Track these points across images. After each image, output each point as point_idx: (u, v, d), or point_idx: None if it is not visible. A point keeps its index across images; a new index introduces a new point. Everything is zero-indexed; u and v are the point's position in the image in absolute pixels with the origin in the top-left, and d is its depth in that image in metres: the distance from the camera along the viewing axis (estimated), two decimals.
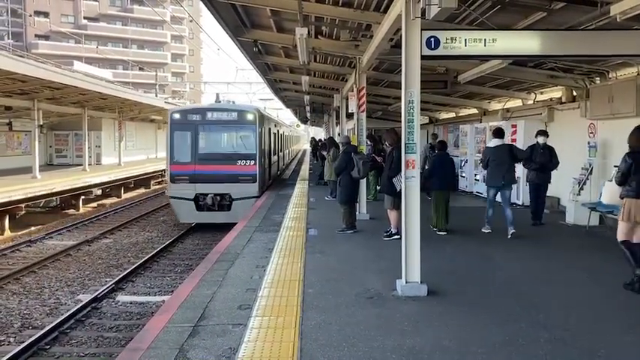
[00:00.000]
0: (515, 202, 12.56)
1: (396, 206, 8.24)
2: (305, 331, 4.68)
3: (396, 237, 8.31)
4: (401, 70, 5.80)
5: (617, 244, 5.95)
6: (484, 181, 10.25)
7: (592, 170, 10.31)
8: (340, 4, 9.01)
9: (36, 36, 65.16)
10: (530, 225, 9.79)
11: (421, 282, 5.71)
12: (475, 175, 15.31)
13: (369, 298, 5.66)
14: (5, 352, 6.70)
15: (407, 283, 5.71)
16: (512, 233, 8.99)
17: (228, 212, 14.67)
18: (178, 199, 14.80)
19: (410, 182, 5.78)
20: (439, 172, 9.47)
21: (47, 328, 7.45)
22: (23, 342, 7.04)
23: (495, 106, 16.37)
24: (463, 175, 16.06)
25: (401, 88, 5.78)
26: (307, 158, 38.02)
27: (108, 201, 23.29)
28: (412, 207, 5.78)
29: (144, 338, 4.59)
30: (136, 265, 11.16)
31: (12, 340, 7.40)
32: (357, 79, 11.31)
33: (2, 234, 15.37)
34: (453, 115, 21.14)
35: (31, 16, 55.00)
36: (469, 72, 10.84)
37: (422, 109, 6.09)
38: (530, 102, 13.90)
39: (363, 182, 10.63)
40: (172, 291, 8.52)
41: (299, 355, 4.18)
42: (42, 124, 20.94)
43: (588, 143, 10.59)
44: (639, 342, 4.51)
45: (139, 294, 9.40)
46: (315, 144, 30.27)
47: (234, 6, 9.94)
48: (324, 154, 16.96)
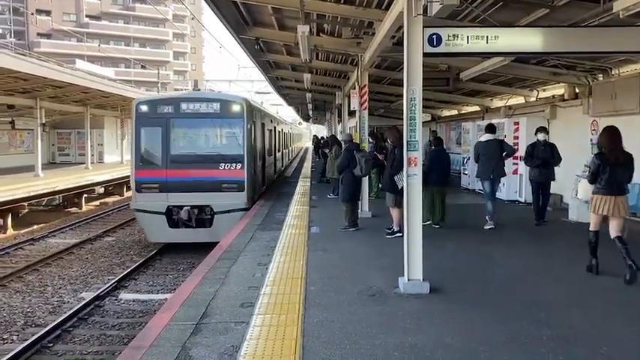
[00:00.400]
0: (518, 199, 12.57)
1: (398, 204, 8.25)
2: (307, 328, 4.68)
3: (398, 234, 8.31)
4: (403, 67, 5.79)
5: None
6: (477, 176, 10.50)
7: None
8: (342, 2, 9.01)
9: (38, 34, 65.17)
10: (533, 224, 9.76)
11: (423, 279, 5.70)
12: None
13: (372, 295, 5.66)
14: (9, 350, 6.74)
15: (409, 280, 5.70)
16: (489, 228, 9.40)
17: (208, 229, 12.03)
18: (146, 212, 12.09)
19: (412, 180, 5.77)
20: (436, 168, 9.48)
21: (50, 326, 7.48)
22: (26, 340, 7.07)
23: (497, 103, 16.35)
24: (465, 172, 16.02)
25: (403, 86, 5.77)
26: (309, 156, 37.99)
27: (110, 199, 23.33)
28: (414, 205, 5.76)
29: (146, 336, 4.61)
30: (139, 263, 11.21)
31: (15, 338, 7.44)
32: (359, 76, 11.29)
33: (5, 232, 15.43)
34: (455, 112, 21.13)
35: (33, 14, 55.23)
36: (471, 69, 10.81)
37: (424, 107, 6.08)
38: (533, 99, 13.88)
39: (365, 180, 10.62)
40: (175, 289, 8.54)
41: (301, 352, 4.18)
42: (44, 122, 21.06)
43: (591, 140, 10.56)
44: None
45: (142, 292, 9.42)
46: (317, 142, 30.20)
47: (236, 3, 9.94)
48: (326, 151, 16.95)
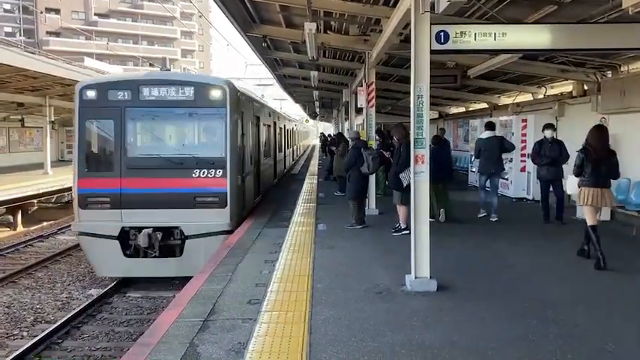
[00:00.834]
0: (526, 197, 12.51)
1: (405, 201, 8.23)
2: (314, 325, 4.69)
3: (405, 232, 8.29)
4: (410, 64, 5.77)
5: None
6: (478, 171, 10.92)
7: None
8: None
9: (47, 33, 65.70)
10: (541, 222, 9.71)
11: (430, 277, 5.69)
12: None
13: (378, 293, 5.65)
14: (18, 346, 6.82)
15: (416, 278, 5.70)
16: (494, 220, 9.81)
17: (178, 259, 9.10)
18: (93, 236, 9.04)
19: (419, 177, 5.76)
20: (433, 166, 9.47)
21: (59, 323, 7.57)
22: (36, 336, 7.16)
23: (505, 100, 16.26)
24: (473, 170, 15.95)
25: (410, 83, 5.75)
26: (316, 154, 37.97)
27: None
28: (421, 202, 5.75)
29: (154, 333, 4.63)
30: None
31: (25, 334, 7.53)
32: (367, 73, 11.27)
33: (15, 229, 15.58)
34: (462, 109, 21.04)
35: (42, 12, 55.49)
36: (479, 66, 10.77)
37: (431, 104, 6.06)
38: (541, 96, 13.78)
39: (373, 177, 10.60)
40: (183, 286, 8.57)
41: (308, 349, 4.19)
42: (53, 120, 21.16)
43: None
44: None
45: (150, 289, 9.47)
46: (324, 139, 30.18)
47: (243, 1, 9.97)
48: (333, 149, 16.95)
